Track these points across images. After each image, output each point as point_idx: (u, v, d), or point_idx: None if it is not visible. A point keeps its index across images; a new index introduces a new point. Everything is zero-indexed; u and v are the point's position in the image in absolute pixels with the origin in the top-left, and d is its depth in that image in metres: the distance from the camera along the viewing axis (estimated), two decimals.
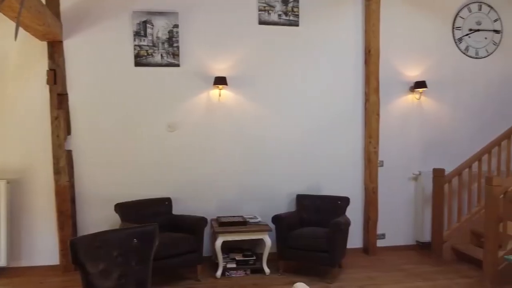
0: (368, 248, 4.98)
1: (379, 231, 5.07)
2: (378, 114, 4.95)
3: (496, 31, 5.31)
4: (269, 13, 4.78)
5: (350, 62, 5.00)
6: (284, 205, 4.88)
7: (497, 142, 4.91)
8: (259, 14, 4.76)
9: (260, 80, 4.82)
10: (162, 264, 3.83)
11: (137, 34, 4.52)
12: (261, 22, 4.77)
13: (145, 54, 4.55)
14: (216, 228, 4.28)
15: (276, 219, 4.32)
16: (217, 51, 4.70)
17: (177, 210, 4.56)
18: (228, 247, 4.54)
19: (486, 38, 5.29)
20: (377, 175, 4.98)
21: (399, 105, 5.14)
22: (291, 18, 4.83)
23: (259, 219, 4.53)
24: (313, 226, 4.51)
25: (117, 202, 4.24)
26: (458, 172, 4.83)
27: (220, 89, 4.70)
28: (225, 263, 4.30)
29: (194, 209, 4.63)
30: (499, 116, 5.32)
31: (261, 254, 4.39)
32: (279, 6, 4.79)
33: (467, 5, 5.23)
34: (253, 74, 4.79)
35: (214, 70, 4.70)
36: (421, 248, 5.16)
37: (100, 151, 4.52)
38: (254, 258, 4.40)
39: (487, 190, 4.02)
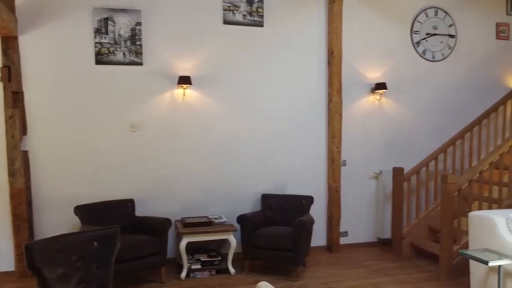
0: (332, 246, 5.08)
1: (342, 229, 5.19)
2: (340, 115, 5.06)
3: (451, 36, 5.56)
4: (234, 13, 4.78)
5: (314, 63, 5.09)
6: (249, 205, 4.90)
7: (452, 142, 5.14)
8: (223, 13, 4.75)
9: (225, 80, 4.81)
10: (125, 267, 3.74)
11: (98, 31, 4.39)
12: (226, 22, 4.76)
13: (107, 52, 4.43)
14: (180, 229, 4.23)
15: (241, 219, 4.33)
16: (181, 50, 4.65)
17: (140, 211, 4.48)
18: (193, 248, 4.50)
19: (442, 42, 5.52)
20: (340, 174, 5.09)
21: (360, 106, 5.27)
22: (256, 18, 4.85)
23: (224, 219, 4.52)
24: (278, 226, 4.55)
25: (77, 204, 4.11)
26: (416, 170, 5.02)
27: (185, 89, 4.65)
28: (189, 264, 4.26)
29: (158, 210, 4.56)
30: (454, 117, 5.57)
31: (227, 254, 4.38)
32: (243, 6, 4.80)
33: (424, 10, 5.45)
34: (218, 74, 4.78)
35: (178, 69, 4.64)
36: (382, 244, 5.32)
37: (58, 152, 4.35)
38: (219, 258, 4.39)
39: (443, 188, 4.21)
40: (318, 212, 5.04)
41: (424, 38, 5.46)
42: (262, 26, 4.88)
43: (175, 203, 4.68)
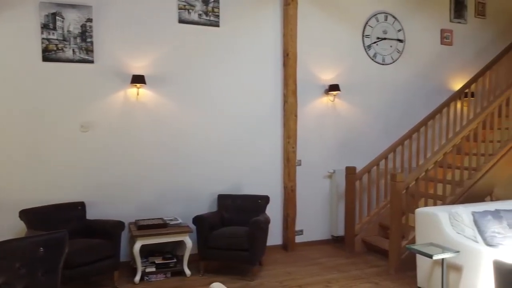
0: (287, 244, 5.15)
1: (298, 227, 5.28)
2: (296, 115, 5.15)
3: (400, 40, 5.81)
4: (189, 12, 4.73)
5: (270, 64, 5.14)
6: (206, 206, 4.87)
7: (400, 142, 5.38)
8: (179, 12, 4.69)
9: (181, 79, 4.75)
10: (75, 272, 3.61)
11: (45, 27, 4.19)
12: (181, 21, 4.71)
13: (55, 48, 4.24)
14: (134, 232, 4.13)
15: (197, 220, 4.29)
16: (134, 48, 4.54)
17: (92, 214, 4.32)
18: (148, 251, 4.41)
19: (391, 46, 5.76)
20: (295, 174, 5.18)
21: (315, 107, 5.39)
22: (212, 18, 4.83)
23: (180, 220, 4.47)
24: (234, 226, 4.56)
25: (23, 209, 3.90)
26: (367, 169, 5.20)
27: (138, 88, 4.55)
28: (144, 267, 4.17)
29: (111, 213, 4.43)
30: (403, 117, 5.82)
31: (182, 256, 4.33)
32: (199, 6, 4.76)
33: (375, 15, 5.66)
34: (173, 74, 4.71)
35: (131, 68, 4.53)
36: (336, 241, 5.47)
37: (3, 153, 4.11)
38: (175, 260, 4.33)
39: (392, 186, 4.39)
40: (274, 211, 5.10)
41: (375, 42, 5.67)
42: (218, 26, 4.86)
43: (129, 205, 4.57)
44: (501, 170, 4.78)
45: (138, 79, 4.42)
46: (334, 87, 5.29)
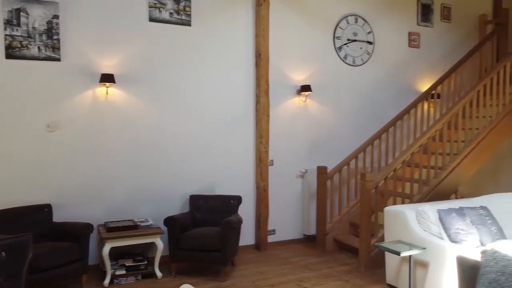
0: (260, 244, 5.17)
1: (270, 227, 5.30)
2: (268, 115, 5.17)
3: (369, 42, 5.94)
4: (160, 11, 4.67)
5: (242, 64, 5.14)
6: (178, 207, 4.82)
7: (370, 142, 5.49)
8: (149, 10, 4.62)
9: (152, 79, 4.68)
10: (42, 276, 3.51)
11: (8, 23, 4.04)
12: (152, 19, 4.64)
13: (19, 45, 4.09)
14: (103, 234, 4.04)
15: (168, 221, 4.24)
16: (103, 47, 4.44)
17: (59, 217, 4.20)
18: (118, 253, 4.33)
19: (361, 48, 5.88)
20: (267, 174, 5.20)
21: (287, 107, 5.43)
22: (183, 17, 4.78)
23: (151, 222, 4.40)
24: (207, 226, 4.53)
25: None
26: (338, 169, 5.28)
27: (108, 87, 4.45)
28: (113, 270, 4.09)
29: (78, 215, 4.32)
30: (372, 118, 5.95)
31: (153, 258, 4.27)
32: (170, 4, 4.71)
33: (346, 17, 5.76)
34: (144, 73, 4.64)
35: (100, 66, 4.43)
36: (307, 241, 5.53)
37: None
38: (146, 262, 4.26)
39: (362, 185, 4.48)
40: (246, 211, 5.10)
41: (346, 44, 5.77)
42: (189, 25, 4.82)
43: (98, 207, 4.46)
44: (465, 169, 4.96)
45: (107, 78, 4.33)
46: (305, 88, 5.35)
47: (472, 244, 3.42)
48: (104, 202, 4.49)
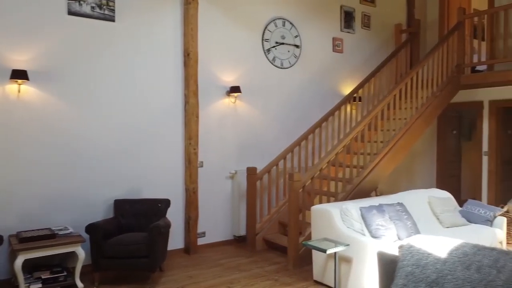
0: (189, 247, 5.07)
1: (200, 229, 5.23)
2: (197, 116, 5.09)
3: (297, 46, 6.10)
4: (80, 4, 4.38)
5: (170, 64, 5.00)
6: (101, 212, 4.55)
7: (298, 143, 5.64)
8: (68, 3, 4.31)
9: (71, 76, 4.37)
10: None
11: None
12: (71, 13, 4.33)
13: None
14: (15, 246, 3.69)
15: (90, 228, 3.98)
16: (15, 40, 4.05)
17: None
18: (33, 265, 3.97)
19: (289, 51, 6.02)
20: (197, 176, 5.12)
21: (217, 108, 5.39)
22: (106, 12, 4.53)
23: (71, 229, 4.11)
24: (133, 232, 4.34)
25: None
26: (267, 169, 5.35)
27: (20, 84, 4.07)
28: (28, 284, 3.74)
29: None
30: (299, 119, 6.12)
31: (74, 268, 3.99)
32: None
33: (274, 20, 5.86)
34: (62, 70, 4.31)
35: (11, 61, 4.04)
36: (238, 241, 5.54)
37: None
38: (65, 274, 3.96)
39: (290, 185, 4.58)
40: (175, 214, 4.97)
41: (274, 46, 5.87)
42: (113, 21, 4.58)
43: (10, 216, 4.06)
44: (384, 168, 5.29)
45: (19, 74, 3.96)
46: (235, 89, 5.35)
47: (390, 239, 3.66)
48: (16, 209, 4.10)
